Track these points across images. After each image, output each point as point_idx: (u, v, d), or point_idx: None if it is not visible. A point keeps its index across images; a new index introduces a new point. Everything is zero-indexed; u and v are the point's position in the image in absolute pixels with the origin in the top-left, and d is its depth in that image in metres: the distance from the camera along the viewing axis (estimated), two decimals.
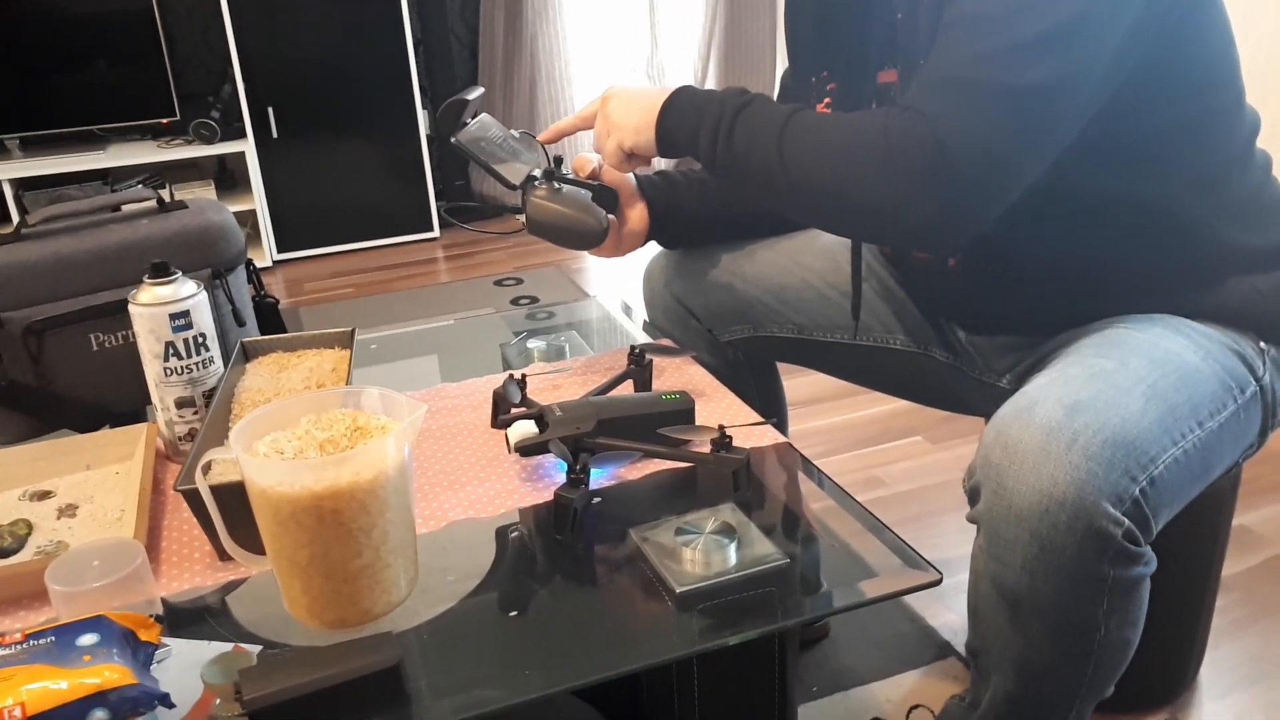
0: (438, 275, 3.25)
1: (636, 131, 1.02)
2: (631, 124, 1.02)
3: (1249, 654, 1.37)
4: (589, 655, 0.75)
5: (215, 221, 1.30)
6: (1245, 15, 2.26)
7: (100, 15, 3.14)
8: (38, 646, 0.67)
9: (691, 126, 0.98)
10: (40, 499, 0.99)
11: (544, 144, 1.14)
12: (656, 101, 1.01)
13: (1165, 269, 0.97)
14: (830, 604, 0.83)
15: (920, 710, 1.28)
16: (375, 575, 0.75)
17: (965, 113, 0.82)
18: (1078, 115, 0.85)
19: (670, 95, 1.00)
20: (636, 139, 1.02)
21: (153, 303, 0.99)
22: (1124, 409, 0.83)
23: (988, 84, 0.82)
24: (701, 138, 0.97)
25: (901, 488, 1.83)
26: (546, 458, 1.00)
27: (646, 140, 1.02)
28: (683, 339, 1.29)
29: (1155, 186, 0.94)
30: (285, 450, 0.75)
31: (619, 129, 1.04)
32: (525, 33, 3.67)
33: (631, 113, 1.03)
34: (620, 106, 1.04)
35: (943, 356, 1.18)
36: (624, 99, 1.04)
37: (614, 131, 1.04)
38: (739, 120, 0.94)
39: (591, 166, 1.12)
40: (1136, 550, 0.82)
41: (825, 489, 0.95)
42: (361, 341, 1.36)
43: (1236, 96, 0.96)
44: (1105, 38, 0.82)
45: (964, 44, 0.84)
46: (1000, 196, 0.85)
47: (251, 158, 3.27)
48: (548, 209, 1.07)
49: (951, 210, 0.84)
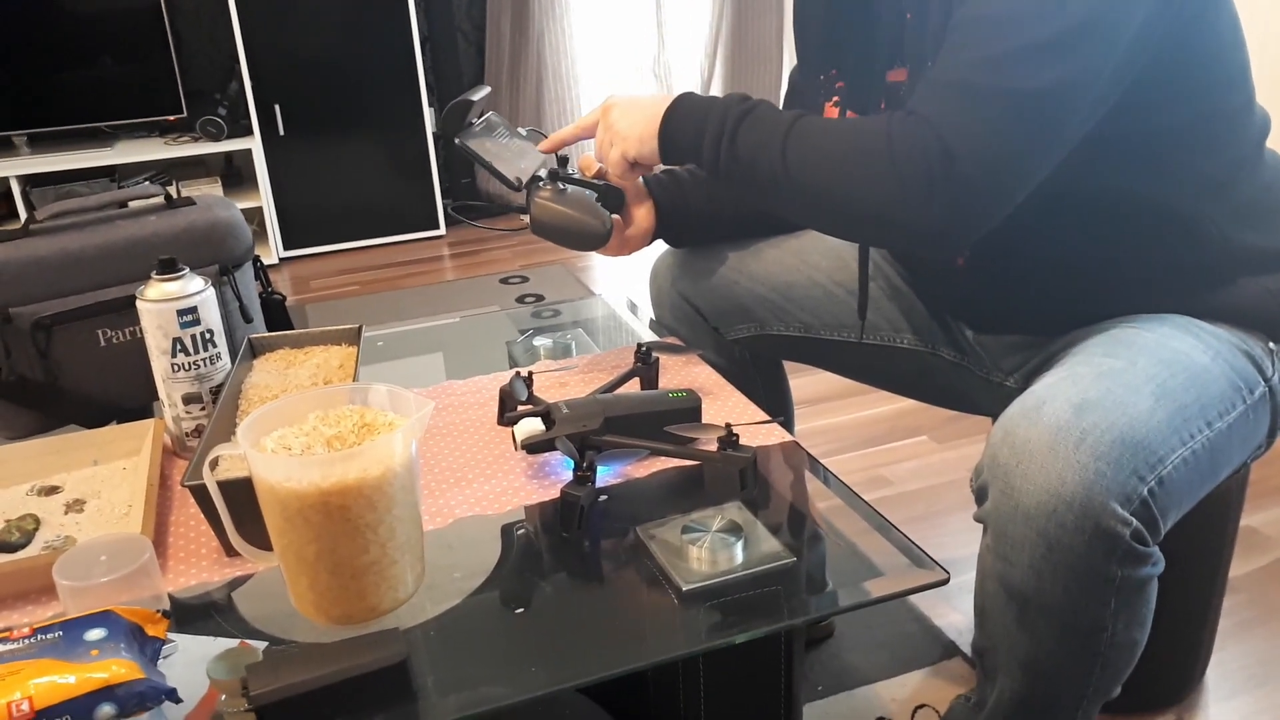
0: (444, 273, 3.25)
1: (640, 141, 1.02)
2: (635, 133, 1.02)
3: (1256, 655, 1.37)
4: (595, 652, 0.75)
5: (223, 218, 1.30)
6: (1255, 15, 2.26)
7: (108, 12, 3.15)
8: (45, 641, 0.67)
9: (694, 134, 0.98)
10: (48, 494, 0.99)
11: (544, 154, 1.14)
12: (659, 110, 1.00)
13: (1174, 269, 0.97)
14: (836, 603, 0.83)
15: (925, 710, 1.27)
16: (382, 571, 0.75)
17: (970, 118, 0.82)
18: (1084, 119, 0.84)
19: (672, 103, 1.00)
20: (640, 148, 1.02)
21: (160, 299, 0.99)
22: (1133, 409, 0.83)
23: (994, 89, 0.81)
24: (705, 145, 0.97)
25: (907, 487, 1.83)
26: (553, 455, 1.00)
27: (650, 149, 1.02)
28: (689, 337, 1.29)
29: (1164, 187, 0.94)
30: (293, 446, 0.75)
31: (622, 138, 1.04)
32: (532, 31, 3.67)
33: (634, 122, 1.03)
34: (623, 116, 1.04)
35: (950, 356, 1.17)
36: (626, 108, 1.04)
37: (617, 141, 1.04)
38: (742, 126, 0.94)
39: (597, 166, 1.12)
40: (1144, 550, 0.81)
41: (832, 488, 0.95)
42: (368, 338, 1.36)
43: (1247, 97, 0.95)
44: (1114, 41, 0.82)
45: (970, 47, 0.83)
46: (1004, 201, 0.85)
47: (258, 155, 3.27)
48: (551, 210, 1.07)
49: (955, 215, 0.84)
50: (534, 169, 1.12)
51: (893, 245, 1.13)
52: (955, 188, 0.82)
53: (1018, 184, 0.84)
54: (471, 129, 1.12)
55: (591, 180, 1.11)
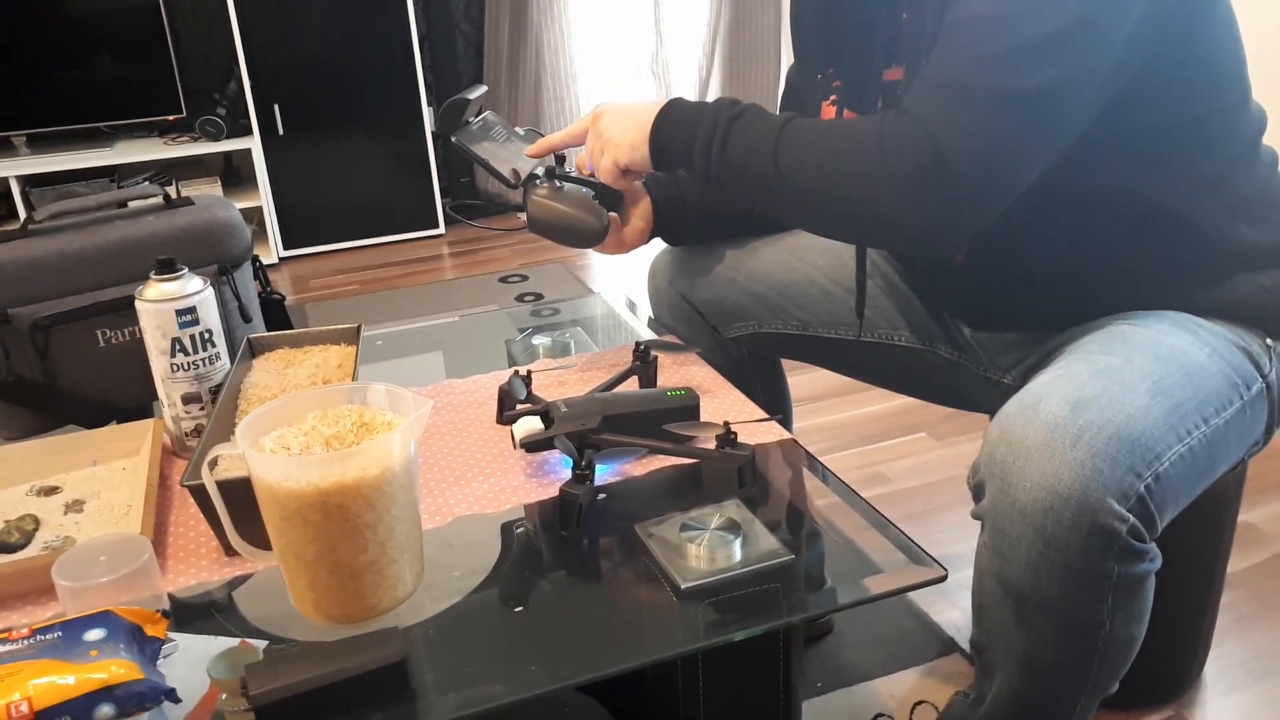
0: (443, 272, 3.26)
1: (631, 148, 1.02)
2: (626, 140, 1.02)
3: (1254, 651, 1.37)
4: (594, 651, 0.75)
5: (221, 218, 1.30)
6: (1252, 13, 2.26)
7: (106, 12, 3.14)
8: (45, 641, 0.67)
9: (685, 140, 0.98)
10: (47, 494, 0.99)
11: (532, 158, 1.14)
12: (649, 117, 1.00)
13: (1171, 266, 0.97)
14: (835, 600, 0.83)
15: (924, 706, 1.28)
16: (381, 571, 0.76)
17: (963, 117, 0.82)
18: (1079, 118, 0.84)
19: (662, 109, 1.00)
20: (632, 155, 1.02)
21: (159, 299, 0.99)
22: (1129, 405, 0.83)
23: (987, 88, 0.81)
24: (695, 150, 0.97)
25: (906, 484, 1.83)
26: (552, 454, 1.00)
27: (641, 156, 1.02)
28: (687, 335, 1.29)
29: (1161, 184, 0.94)
30: (291, 446, 0.75)
31: (614, 145, 1.03)
32: (530, 29, 3.67)
33: (625, 129, 1.02)
34: (614, 123, 1.04)
35: (947, 353, 1.17)
36: (616, 115, 1.04)
37: (608, 149, 1.04)
38: (732, 130, 0.94)
39: None
40: (1141, 547, 0.82)
41: (830, 485, 0.95)
42: (367, 338, 1.36)
43: (1242, 94, 0.95)
44: (1109, 39, 0.81)
45: (964, 46, 0.83)
46: (998, 200, 0.85)
47: (258, 154, 3.27)
48: (548, 207, 1.07)
49: (947, 215, 0.84)
50: (531, 167, 1.12)
51: (887, 245, 1.13)
52: (948, 186, 0.82)
53: (1011, 183, 0.84)
54: (469, 127, 1.12)
55: (588, 178, 1.11)
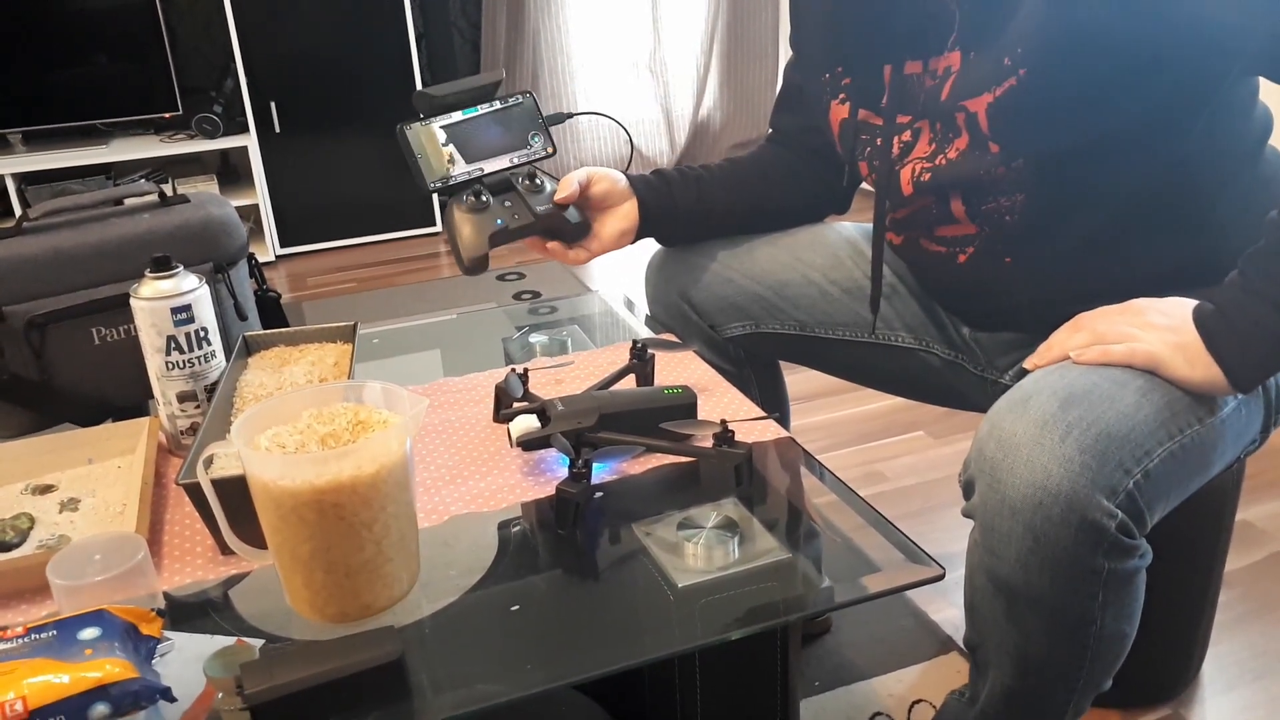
0: (440, 270, 3.25)
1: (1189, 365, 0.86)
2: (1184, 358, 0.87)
3: (1252, 649, 1.37)
4: (591, 650, 0.75)
5: (217, 216, 1.30)
6: None
7: (102, 9, 3.14)
8: (39, 640, 0.67)
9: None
10: (42, 493, 0.99)
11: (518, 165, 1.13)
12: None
13: (1173, 266, 0.97)
14: (832, 599, 0.83)
15: (922, 705, 1.28)
16: (377, 569, 0.75)
17: None
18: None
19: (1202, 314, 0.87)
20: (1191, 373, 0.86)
21: (154, 297, 0.99)
22: (1119, 403, 0.83)
23: None
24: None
25: (903, 483, 1.83)
26: (548, 452, 1.00)
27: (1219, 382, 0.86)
28: (684, 335, 1.29)
29: (1163, 184, 0.94)
30: (287, 444, 0.75)
31: (1153, 329, 0.89)
32: (527, 27, 3.67)
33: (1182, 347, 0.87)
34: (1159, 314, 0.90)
35: (945, 353, 1.17)
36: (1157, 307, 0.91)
37: (1147, 330, 0.89)
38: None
39: (571, 190, 1.12)
40: (1131, 543, 0.82)
41: (827, 484, 0.95)
42: (363, 336, 1.36)
43: (1249, 94, 0.96)
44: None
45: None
46: None
47: (254, 152, 3.27)
48: (447, 221, 1.11)
49: None
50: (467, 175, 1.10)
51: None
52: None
53: None
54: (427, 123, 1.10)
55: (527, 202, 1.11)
